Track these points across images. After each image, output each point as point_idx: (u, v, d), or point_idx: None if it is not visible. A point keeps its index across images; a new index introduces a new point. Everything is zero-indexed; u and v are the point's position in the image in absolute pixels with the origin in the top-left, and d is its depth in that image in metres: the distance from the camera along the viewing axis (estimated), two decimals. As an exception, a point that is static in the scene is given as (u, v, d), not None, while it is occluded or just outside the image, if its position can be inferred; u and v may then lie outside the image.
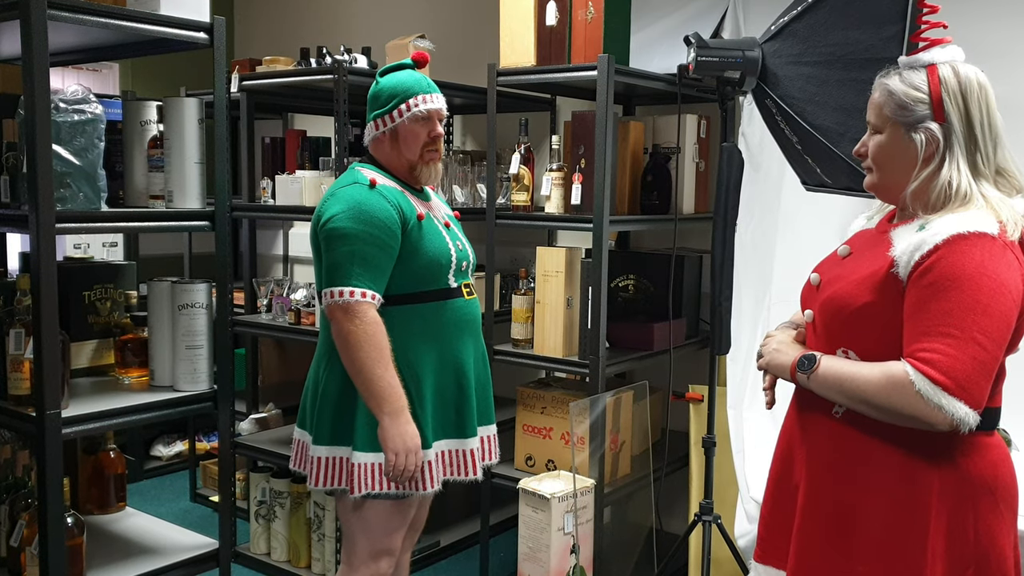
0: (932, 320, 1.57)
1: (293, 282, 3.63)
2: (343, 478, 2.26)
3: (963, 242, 1.57)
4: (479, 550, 3.46)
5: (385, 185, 2.27)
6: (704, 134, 3.39)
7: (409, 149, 2.31)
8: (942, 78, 1.67)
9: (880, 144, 1.74)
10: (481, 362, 2.44)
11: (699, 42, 2.49)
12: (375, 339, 2.16)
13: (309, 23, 4.94)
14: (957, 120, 1.65)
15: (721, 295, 2.59)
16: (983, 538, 1.65)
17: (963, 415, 1.54)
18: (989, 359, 1.56)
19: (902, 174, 1.71)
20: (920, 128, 1.67)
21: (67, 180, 2.07)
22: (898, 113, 1.69)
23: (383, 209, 2.20)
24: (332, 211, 2.20)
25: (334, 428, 2.28)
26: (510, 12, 3.17)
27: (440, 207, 2.47)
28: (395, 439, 2.17)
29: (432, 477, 2.28)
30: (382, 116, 2.31)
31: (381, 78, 2.34)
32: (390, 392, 2.17)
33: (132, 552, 2.38)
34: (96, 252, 4.28)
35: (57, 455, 2.00)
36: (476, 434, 2.38)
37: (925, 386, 1.54)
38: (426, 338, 2.28)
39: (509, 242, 3.86)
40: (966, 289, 1.55)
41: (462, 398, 2.35)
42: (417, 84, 2.31)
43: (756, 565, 1.95)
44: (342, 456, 2.27)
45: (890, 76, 1.73)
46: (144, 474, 4.64)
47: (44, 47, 1.90)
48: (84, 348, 2.53)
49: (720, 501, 2.96)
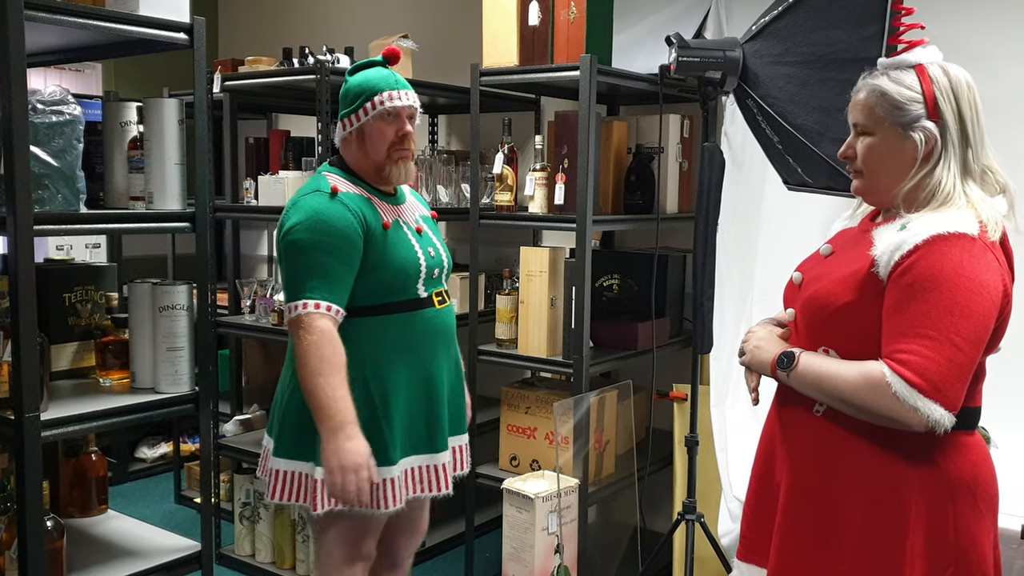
0: (910, 321, 1.58)
1: (276, 283, 3.62)
2: (304, 495, 2.19)
3: (942, 243, 1.57)
4: (464, 550, 3.46)
5: (349, 192, 2.19)
6: (687, 134, 3.39)
7: (375, 149, 2.23)
8: (933, 77, 1.67)
9: (872, 146, 1.72)
10: (454, 372, 2.38)
11: (680, 42, 2.49)
12: (320, 350, 2.06)
13: (292, 23, 4.93)
14: (951, 119, 1.65)
15: (703, 294, 2.60)
16: (963, 538, 1.65)
17: (938, 417, 1.55)
18: (965, 361, 1.57)
19: (896, 175, 1.70)
20: (917, 127, 1.66)
21: (45, 181, 2.05)
22: (893, 113, 1.68)
23: (342, 218, 2.13)
24: (291, 222, 2.13)
25: (296, 442, 2.20)
26: (493, 12, 3.16)
27: (415, 208, 2.39)
28: (331, 457, 2.07)
29: (395, 496, 2.19)
30: (348, 116, 2.24)
31: (350, 77, 2.27)
32: (330, 406, 2.06)
33: (113, 555, 2.37)
34: (79, 254, 4.26)
35: (36, 458, 1.99)
36: (447, 447, 2.33)
37: (901, 388, 1.55)
38: (396, 350, 2.22)
39: (493, 242, 3.86)
40: (944, 290, 1.56)
41: (432, 413, 2.29)
42: (384, 81, 2.22)
43: (739, 563, 1.96)
44: (303, 472, 2.19)
45: (877, 77, 1.71)
46: (128, 476, 4.62)
47: (21, 48, 1.89)
48: (65, 350, 2.51)
49: (704, 499, 2.97)
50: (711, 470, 3.13)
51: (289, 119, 4.66)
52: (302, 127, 4.36)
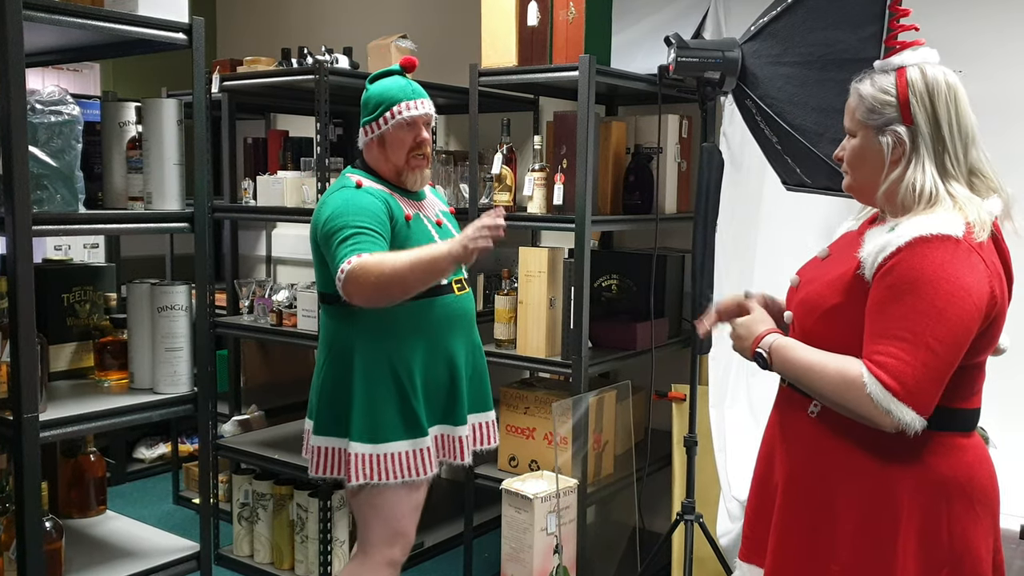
0: (888, 323, 1.59)
1: (275, 283, 3.62)
2: (339, 467, 2.39)
3: (924, 245, 1.58)
4: (463, 551, 3.46)
5: (371, 187, 2.38)
6: (686, 134, 3.39)
7: (395, 154, 2.42)
8: (910, 80, 1.68)
9: (853, 147, 1.76)
10: (476, 353, 2.54)
11: (679, 43, 2.49)
12: (388, 264, 2.17)
13: (291, 23, 4.92)
14: (924, 121, 1.66)
15: (702, 295, 2.60)
16: (957, 541, 1.65)
17: (909, 420, 1.56)
18: (941, 365, 1.57)
19: (873, 176, 1.73)
20: (887, 131, 1.68)
21: (44, 182, 2.05)
22: (868, 117, 1.71)
23: (371, 201, 2.32)
24: (325, 214, 2.32)
25: (330, 419, 2.40)
26: (491, 12, 3.16)
27: (435, 205, 2.56)
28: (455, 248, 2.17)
29: (431, 461, 2.40)
30: (370, 123, 2.42)
31: (370, 85, 2.44)
32: (431, 258, 2.19)
33: (112, 556, 2.36)
34: (77, 254, 4.25)
35: (35, 459, 1.99)
36: (466, 422, 2.49)
37: (876, 389, 1.57)
38: (415, 334, 2.37)
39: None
40: (923, 293, 1.56)
41: (453, 388, 2.44)
42: (402, 91, 2.40)
43: (741, 564, 1.97)
44: (338, 447, 2.39)
45: (863, 81, 1.74)
46: (127, 476, 4.62)
47: (20, 48, 1.88)
48: (63, 351, 2.51)
49: (703, 500, 2.97)
50: (710, 470, 3.13)
51: (288, 119, 4.66)
52: (301, 127, 4.36)
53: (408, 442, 2.36)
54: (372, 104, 2.41)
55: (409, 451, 2.36)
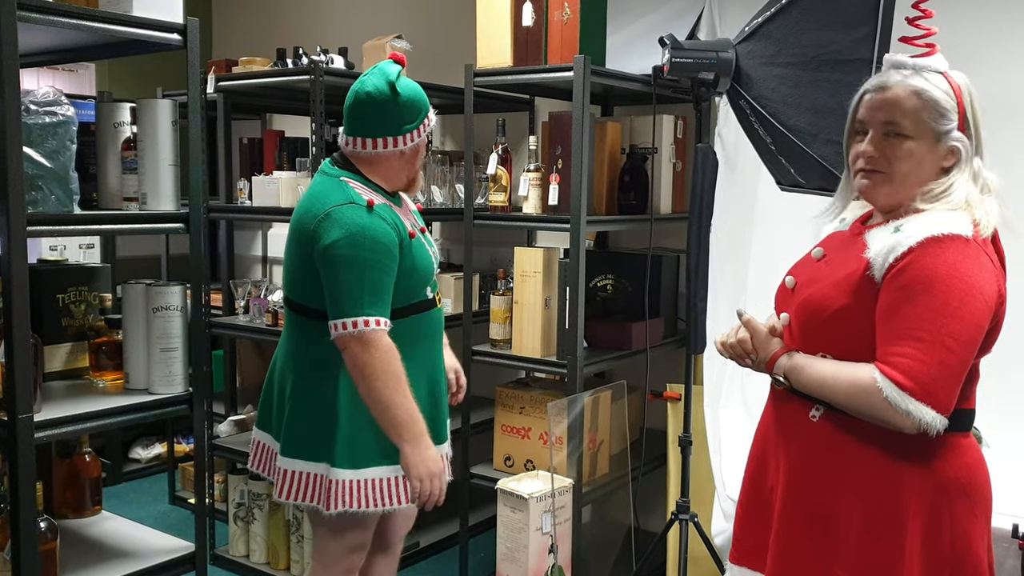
0: (903, 323, 1.58)
1: (271, 283, 3.62)
2: (316, 495, 2.21)
3: (936, 245, 1.57)
4: (458, 551, 3.46)
5: (382, 205, 2.19)
6: (681, 134, 3.40)
7: (417, 163, 2.31)
8: (963, 87, 1.67)
9: (911, 150, 1.67)
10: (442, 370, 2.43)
11: (673, 43, 2.50)
12: (392, 367, 2.11)
13: (286, 24, 4.92)
14: (973, 130, 1.67)
15: (697, 295, 2.60)
16: (959, 542, 1.65)
17: (930, 419, 1.55)
18: (958, 363, 1.57)
19: (921, 181, 1.68)
20: (948, 138, 1.66)
21: (38, 182, 2.05)
22: (938, 121, 1.66)
23: (385, 233, 2.13)
24: (334, 235, 2.10)
25: (310, 443, 2.23)
26: (486, 13, 3.17)
27: (410, 207, 2.43)
28: (418, 466, 2.15)
29: (407, 491, 2.24)
30: (411, 131, 2.23)
31: (401, 90, 2.21)
32: (410, 419, 2.13)
33: (107, 556, 2.36)
34: (72, 254, 4.25)
35: (29, 459, 1.99)
36: (447, 439, 2.39)
37: (892, 392, 1.55)
38: (412, 350, 2.24)
39: (487, 242, 3.86)
40: (937, 292, 1.55)
41: (435, 406, 2.34)
42: (427, 98, 2.28)
43: (731, 566, 1.95)
44: (315, 472, 2.22)
45: (913, 78, 1.67)
46: (122, 477, 4.61)
47: (14, 48, 1.88)
48: (58, 351, 2.51)
49: (697, 499, 2.97)
50: (705, 470, 3.13)
51: (283, 119, 4.65)
52: (296, 127, 4.35)
53: (390, 468, 2.22)
54: (414, 109, 2.22)
55: (390, 478, 2.23)
